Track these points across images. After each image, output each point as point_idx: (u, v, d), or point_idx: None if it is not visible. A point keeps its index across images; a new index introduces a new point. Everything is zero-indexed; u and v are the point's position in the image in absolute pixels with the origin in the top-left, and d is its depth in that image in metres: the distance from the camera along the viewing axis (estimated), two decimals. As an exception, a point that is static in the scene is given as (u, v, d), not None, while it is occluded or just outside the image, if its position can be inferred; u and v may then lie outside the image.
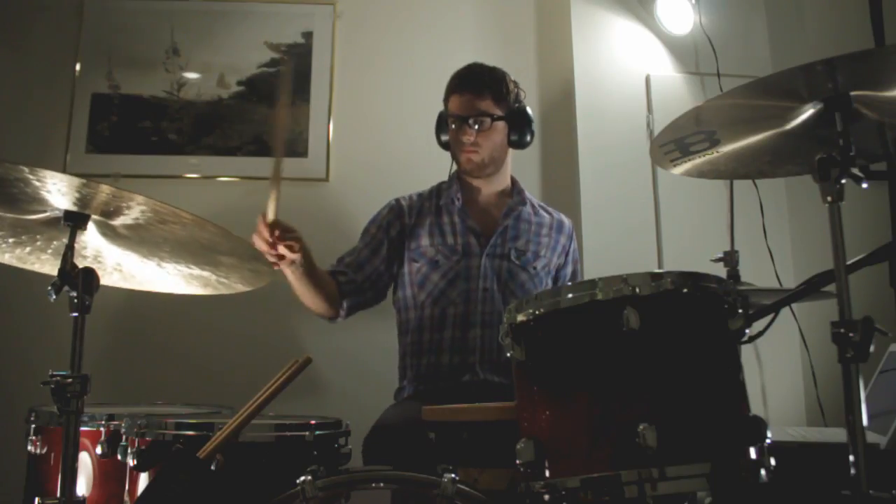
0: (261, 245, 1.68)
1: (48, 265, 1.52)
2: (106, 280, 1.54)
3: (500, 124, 1.99)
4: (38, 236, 1.43)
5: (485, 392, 1.78)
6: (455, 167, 2.10)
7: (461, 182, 2.10)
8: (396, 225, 2.05)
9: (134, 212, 1.32)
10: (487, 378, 1.90)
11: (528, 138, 2.04)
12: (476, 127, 1.95)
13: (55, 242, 1.45)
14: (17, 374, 2.38)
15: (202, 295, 1.71)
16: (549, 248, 2.08)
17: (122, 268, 1.57)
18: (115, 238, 1.44)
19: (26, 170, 1.18)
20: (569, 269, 2.14)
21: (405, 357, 2.03)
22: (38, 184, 1.22)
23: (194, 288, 1.64)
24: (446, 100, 2.03)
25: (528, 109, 2.04)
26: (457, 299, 1.96)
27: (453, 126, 2.00)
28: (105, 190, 1.24)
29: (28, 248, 1.47)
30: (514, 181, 2.14)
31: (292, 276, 1.83)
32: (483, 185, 2.08)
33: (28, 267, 1.53)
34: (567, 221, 2.17)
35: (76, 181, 1.22)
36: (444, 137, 2.06)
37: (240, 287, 1.65)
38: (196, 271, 1.56)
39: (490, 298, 1.95)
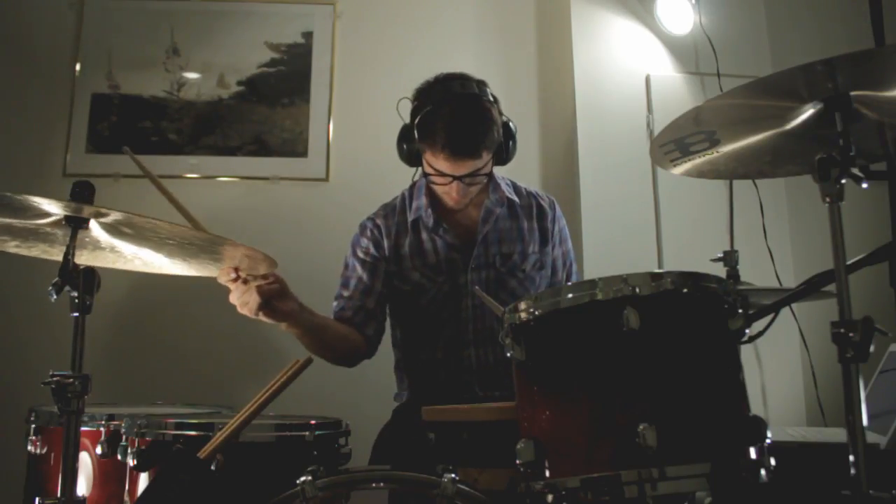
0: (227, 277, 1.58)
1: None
2: (128, 265, 1.53)
3: (487, 169, 1.84)
4: (45, 238, 1.43)
5: None
6: (420, 174, 1.95)
7: (430, 192, 1.93)
8: (377, 249, 1.94)
9: (119, 221, 1.33)
10: (488, 394, 1.84)
11: (513, 153, 1.91)
12: (468, 181, 1.80)
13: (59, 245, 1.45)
14: (17, 374, 2.38)
15: (203, 295, 1.71)
16: (536, 242, 1.96)
17: (138, 255, 1.56)
18: (120, 235, 1.44)
19: (8, 195, 1.17)
20: (558, 252, 2.00)
21: (401, 371, 2.00)
22: (30, 206, 1.23)
23: (202, 271, 1.62)
24: (425, 146, 1.79)
25: (511, 124, 1.89)
26: (448, 319, 1.88)
27: (434, 176, 1.82)
28: (88, 209, 1.24)
29: (33, 249, 1.47)
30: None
31: (293, 331, 1.74)
32: None
33: (35, 255, 1.53)
34: (547, 200, 2.03)
35: (57, 204, 1.22)
36: (406, 153, 1.88)
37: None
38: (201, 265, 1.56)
39: (480, 315, 1.87)
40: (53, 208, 1.25)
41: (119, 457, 1.36)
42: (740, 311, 1.12)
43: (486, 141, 1.77)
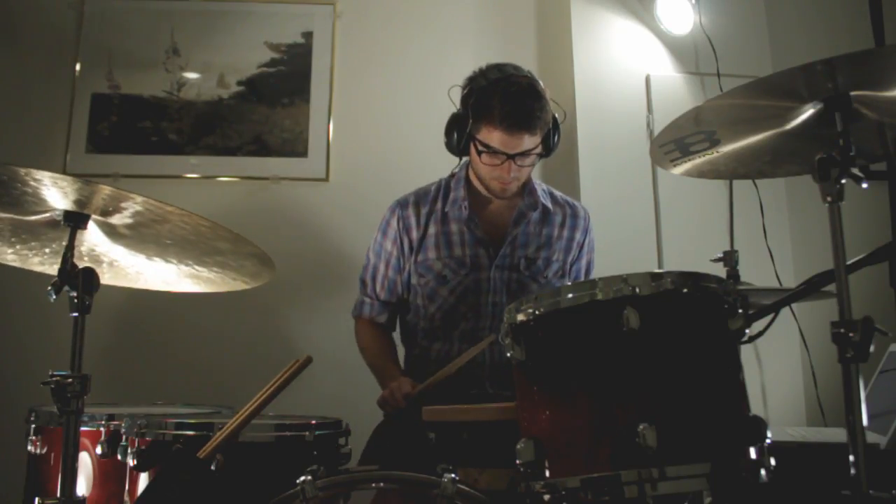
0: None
1: (50, 266, 1.52)
2: (107, 280, 1.55)
3: (539, 150, 1.85)
4: (41, 237, 1.43)
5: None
6: (461, 166, 1.99)
7: (469, 186, 1.98)
8: (406, 239, 1.98)
9: (130, 212, 1.33)
10: (498, 392, 1.87)
11: (557, 145, 1.92)
12: (520, 162, 1.81)
13: (55, 244, 1.45)
14: (17, 374, 2.38)
15: (203, 295, 1.71)
16: (563, 250, 2.00)
17: (125, 266, 1.57)
18: (117, 238, 1.44)
19: (22, 171, 1.18)
20: (583, 262, 2.05)
21: (412, 361, 2.02)
22: (34, 184, 1.23)
23: (202, 285, 1.64)
24: (480, 123, 1.79)
25: (556, 115, 1.89)
26: (467, 314, 1.92)
27: (487, 155, 1.81)
28: (103, 190, 1.24)
29: (28, 252, 1.47)
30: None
31: None
32: None
33: (28, 267, 1.54)
34: (582, 211, 2.06)
35: (71, 181, 1.22)
36: (455, 140, 1.86)
37: (241, 284, 1.65)
38: (202, 271, 1.57)
39: (499, 313, 1.88)
40: (58, 187, 1.24)
41: (119, 457, 1.36)
42: (740, 311, 1.12)
43: (542, 116, 1.79)
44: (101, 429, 1.54)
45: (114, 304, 2.46)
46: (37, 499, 1.29)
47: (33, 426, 1.67)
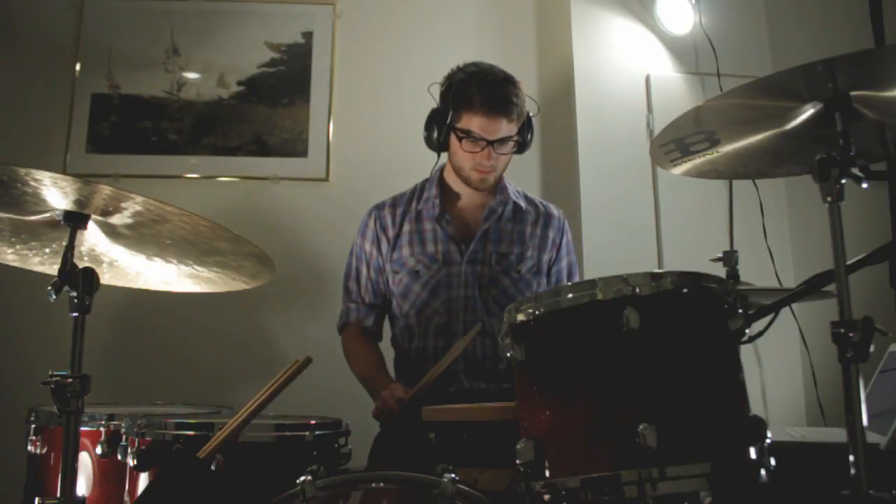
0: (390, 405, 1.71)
1: (50, 266, 1.52)
2: (107, 280, 1.55)
3: (516, 138, 1.92)
4: (41, 237, 1.43)
5: (473, 400, 1.73)
6: (437, 165, 2.04)
7: (442, 184, 2.03)
8: (383, 238, 2.01)
9: (130, 212, 1.33)
10: (474, 386, 1.88)
11: (531, 143, 1.99)
12: (498, 149, 1.87)
13: (55, 244, 1.45)
14: (17, 374, 2.38)
15: (202, 295, 1.71)
16: (536, 248, 2.00)
17: (125, 266, 1.57)
18: (117, 238, 1.44)
19: (22, 171, 1.18)
20: (563, 264, 2.06)
21: (396, 364, 2.03)
22: (34, 184, 1.23)
23: (202, 285, 1.64)
24: (460, 111, 1.86)
25: (529, 113, 1.96)
26: (440, 308, 1.93)
27: (467, 142, 1.87)
28: (103, 190, 1.25)
29: (28, 252, 1.47)
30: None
31: None
32: (465, 188, 2.00)
33: (29, 267, 1.54)
34: (556, 213, 2.09)
35: (71, 181, 1.22)
36: (436, 135, 1.92)
37: (241, 284, 1.65)
38: (202, 271, 1.57)
39: (472, 306, 1.92)
40: (58, 187, 1.24)
41: (119, 457, 1.36)
42: (740, 311, 1.12)
43: (518, 104, 1.86)
44: (101, 429, 1.54)
45: (114, 304, 2.46)
46: (37, 499, 1.29)
47: (33, 426, 1.67)
